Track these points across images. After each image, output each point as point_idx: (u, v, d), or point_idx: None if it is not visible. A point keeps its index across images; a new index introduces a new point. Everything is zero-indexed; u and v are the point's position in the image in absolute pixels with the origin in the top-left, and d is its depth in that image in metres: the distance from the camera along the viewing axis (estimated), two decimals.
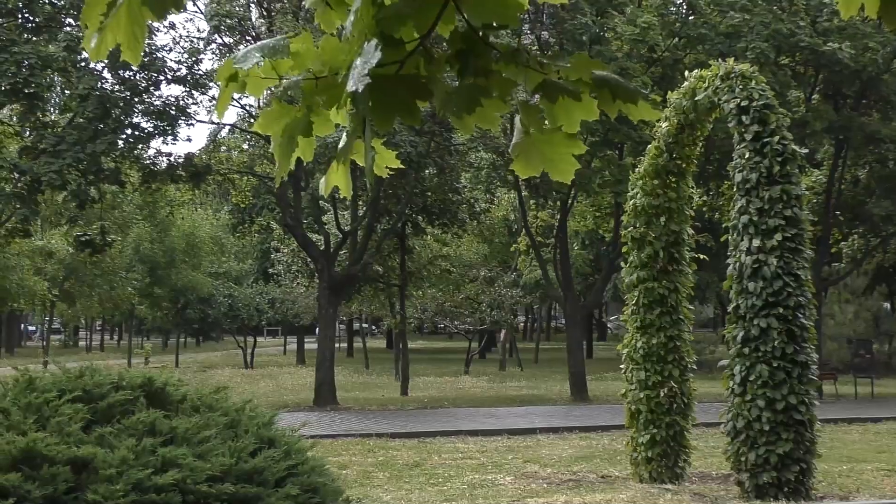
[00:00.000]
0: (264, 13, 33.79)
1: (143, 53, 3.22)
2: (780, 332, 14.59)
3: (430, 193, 36.48)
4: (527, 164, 3.40)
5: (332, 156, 3.46)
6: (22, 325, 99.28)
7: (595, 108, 3.26)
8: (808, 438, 14.65)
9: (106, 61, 32.29)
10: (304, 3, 31.30)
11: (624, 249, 18.15)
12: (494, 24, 3.11)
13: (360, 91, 2.91)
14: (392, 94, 3.02)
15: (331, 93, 3.36)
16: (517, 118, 3.38)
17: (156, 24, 29.74)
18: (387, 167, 3.63)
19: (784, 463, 14.47)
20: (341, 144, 3.29)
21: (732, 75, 15.66)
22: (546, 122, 3.32)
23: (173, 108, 33.55)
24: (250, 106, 36.41)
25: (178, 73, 33.57)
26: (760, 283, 14.73)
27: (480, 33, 3.12)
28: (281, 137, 3.46)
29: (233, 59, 3.36)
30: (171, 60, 33.76)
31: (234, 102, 38.23)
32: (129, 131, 33.21)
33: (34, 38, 32.67)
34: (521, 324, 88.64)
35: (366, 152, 3.14)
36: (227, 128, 49.28)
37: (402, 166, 3.82)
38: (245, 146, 46.38)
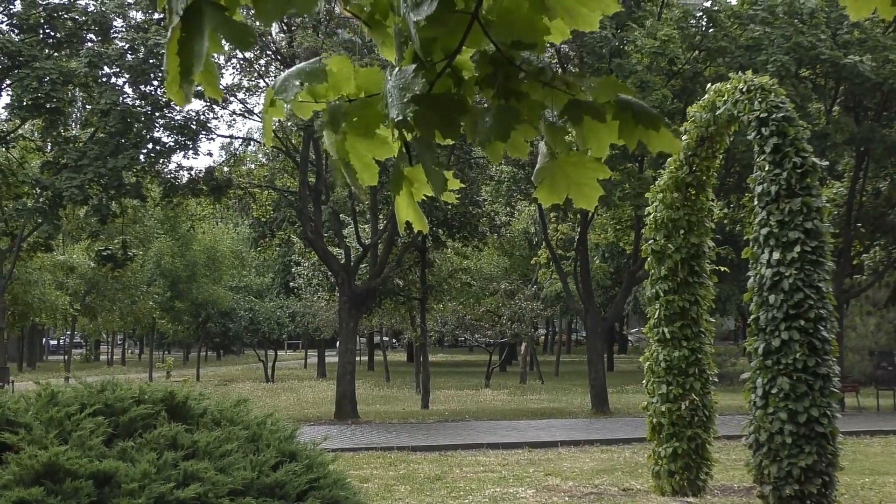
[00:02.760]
0: (284, 28, 33.87)
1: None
2: (802, 344, 14.55)
3: (450, 206, 36.50)
4: (551, 190, 3.39)
5: (387, 190, 3.50)
6: (44, 340, 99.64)
7: (616, 129, 3.26)
8: (830, 451, 14.60)
9: (127, 76, 32.51)
10: (324, 17, 31.41)
11: (647, 264, 18.14)
12: (521, 43, 3.12)
13: (407, 119, 2.94)
14: (428, 112, 3.03)
15: (362, 114, 3.38)
16: (541, 144, 3.38)
17: None
18: (451, 190, 3.63)
19: (806, 476, 14.43)
20: (392, 176, 3.33)
21: (752, 88, 15.65)
22: (575, 144, 3.32)
23: (194, 122, 33.66)
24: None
25: (198, 88, 33.65)
26: (781, 295, 14.70)
27: (507, 54, 3.14)
28: (344, 168, 3.49)
29: (273, 89, 3.39)
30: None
31: (254, 116, 38.35)
32: (150, 146, 33.35)
33: (56, 54, 32.85)
34: (542, 337, 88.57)
35: (429, 175, 3.16)
36: (240, 140, 49.46)
37: (462, 185, 3.82)
38: (263, 159, 46.48)
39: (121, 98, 32.65)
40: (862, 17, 3.32)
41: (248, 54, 34.31)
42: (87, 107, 36.07)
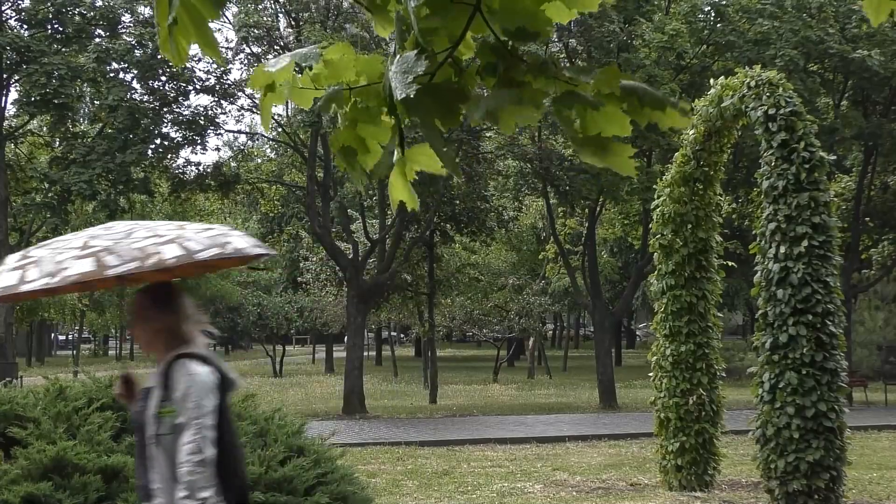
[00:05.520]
0: (292, 23, 33.87)
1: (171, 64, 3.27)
2: (809, 339, 14.52)
3: (458, 201, 36.47)
4: (593, 157, 3.39)
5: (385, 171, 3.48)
6: (52, 335, 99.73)
7: (627, 123, 3.24)
8: (838, 446, 14.57)
9: (135, 72, 32.55)
10: (332, 11, 31.41)
11: (654, 259, 18.12)
12: (525, 33, 3.12)
13: (411, 97, 2.95)
14: (427, 100, 3.04)
15: (365, 102, 3.40)
16: None
17: None
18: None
19: (814, 470, 14.41)
20: (395, 158, 3.34)
21: (760, 83, 15.62)
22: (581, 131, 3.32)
23: (202, 117, 33.71)
24: (278, 115, 36.45)
25: (206, 83, 33.73)
26: (788, 290, 14.67)
27: (509, 44, 3.14)
28: (339, 154, 3.50)
29: (264, 66, 3.41)
30: (200, 70, 33.93)
31: (257, 110, 38.40)
32: (158, 141, 33.41)
33: (64, 49, 32.90)
34: (550, 331, 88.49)
35: (440, 156, 3.18)
36: (244, 136, 49.41)
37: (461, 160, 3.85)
38: (271, 154, 46.53)
39: (129, 93, 32.72)
40: (881, 21, 3.31)
41: (255, 48, 34.33)
42: (96, 102, 36.13)
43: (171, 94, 33.10)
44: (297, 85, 3.47)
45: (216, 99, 34.43)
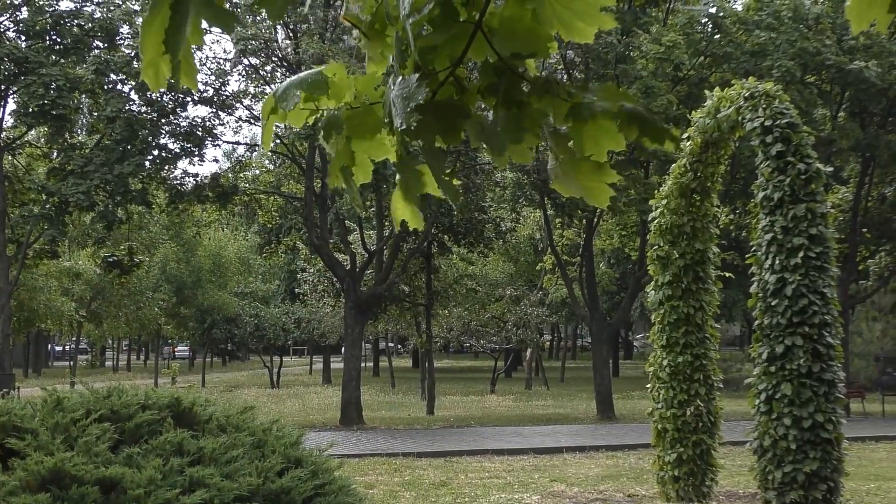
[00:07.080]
0: (290, 35, 33.89)
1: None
2: (806, 350, 14.54)
3: (455, 212, 36.52)
4: (565, 188, 3.40)
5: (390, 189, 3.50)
6: (49, 346, 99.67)
7: (622, 138, 3.25)
8: (835, 457, 14.58)
9: (134, 83, 32.58)
10: (330, 23, 31.43)
11: (651, 270, 18.12)
12: (523, 54, 3.14)
13: (411, 128, 2.96)
14: (429, 118, 3.05)
15: (362, 120, 3.41)
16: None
17: None
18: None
19: (811, 481, 14.41)
20: (398, 178, 3.35)
21: (756, 94, 15.64)
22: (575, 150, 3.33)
23: (200, 129, 33.72)
24: (276, 126, 36.37)
25: (204, 95, 33.73)
26: (785, 301, 14.69)
27: (510, 63, 3.15)
28: (337, 171, 3.52)
29: (274, 96, 3.42)
30: (198, 82, 33.92)
31: (260, 122, 38.39)
32: (155, 152, 33.42)
33: (62, 61, 32.92)
34: (547, 342, 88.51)
35: (440, 184, 3.19)
36: (244, 147, 49.35)
37: (460, 182, 3.86)
38: (269, 165, 46.53)
39: (127, 105, 32.74)
40: (863, 28, 3.33)
41: (253, 60, 34.35)
42: (94, 113, 36.14)
43: (169, 106, 33.13)
44: (298, 105, 3.49)
45: (214, 110, 34.45)
